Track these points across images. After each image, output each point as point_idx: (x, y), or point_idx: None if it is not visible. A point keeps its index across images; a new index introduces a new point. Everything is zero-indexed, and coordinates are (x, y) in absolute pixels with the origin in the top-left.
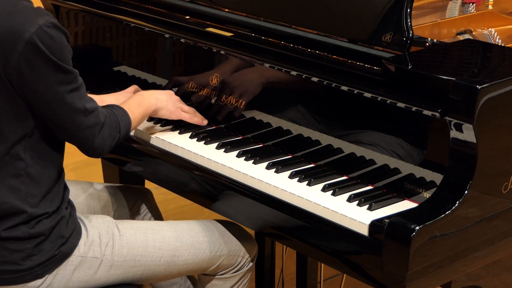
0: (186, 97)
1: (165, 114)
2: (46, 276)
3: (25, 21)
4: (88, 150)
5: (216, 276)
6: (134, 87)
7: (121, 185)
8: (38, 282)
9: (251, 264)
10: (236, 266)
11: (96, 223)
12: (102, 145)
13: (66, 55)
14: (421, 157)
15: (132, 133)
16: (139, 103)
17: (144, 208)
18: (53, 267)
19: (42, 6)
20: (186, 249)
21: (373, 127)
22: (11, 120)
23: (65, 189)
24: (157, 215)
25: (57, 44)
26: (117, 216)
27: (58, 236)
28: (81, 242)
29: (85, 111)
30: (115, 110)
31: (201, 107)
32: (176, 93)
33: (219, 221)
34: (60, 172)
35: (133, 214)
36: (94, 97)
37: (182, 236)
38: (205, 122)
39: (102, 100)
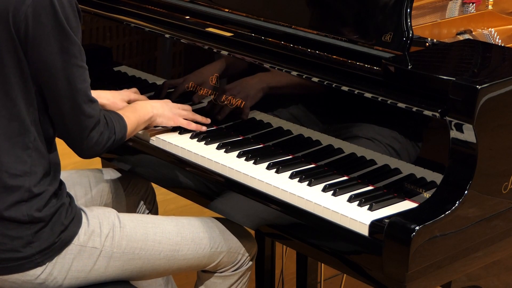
0: (186, 97)
1: (163, 121)
2: (47, 264)
3: None
4: (79, 143)
5: (216, 274)
6: (134, 89)
7: (109, 169)
8: (38, 270)
9: (250, 263)
10: (236, 264)
11: (97, 213)
12: (96, 142)
13: (74, 20)
14: (422, 157)
15: None
16: (134, 110)
17: (139, 188)
18: (53, 255)
19: None
20: (187, 244)
21: (373, 127)
22: (19, 84)
23: (61, 183)
24: (152, 195)
25: (69, 4)
26: (113, 198)
27: (58, 224)
28: (81, 231)
29: (86, 96)
30: (110, 113)
31: (201, 107)
32: (175, 93)
33: (219, 219)
34: (57, 161)
35: (128, 194)
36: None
37: (182, 231)
38: (203, 128)
39: (98, 95)
